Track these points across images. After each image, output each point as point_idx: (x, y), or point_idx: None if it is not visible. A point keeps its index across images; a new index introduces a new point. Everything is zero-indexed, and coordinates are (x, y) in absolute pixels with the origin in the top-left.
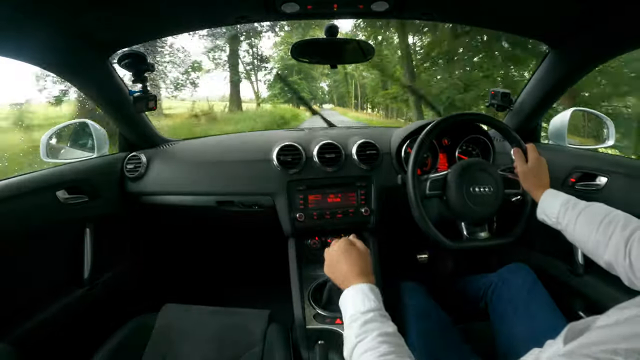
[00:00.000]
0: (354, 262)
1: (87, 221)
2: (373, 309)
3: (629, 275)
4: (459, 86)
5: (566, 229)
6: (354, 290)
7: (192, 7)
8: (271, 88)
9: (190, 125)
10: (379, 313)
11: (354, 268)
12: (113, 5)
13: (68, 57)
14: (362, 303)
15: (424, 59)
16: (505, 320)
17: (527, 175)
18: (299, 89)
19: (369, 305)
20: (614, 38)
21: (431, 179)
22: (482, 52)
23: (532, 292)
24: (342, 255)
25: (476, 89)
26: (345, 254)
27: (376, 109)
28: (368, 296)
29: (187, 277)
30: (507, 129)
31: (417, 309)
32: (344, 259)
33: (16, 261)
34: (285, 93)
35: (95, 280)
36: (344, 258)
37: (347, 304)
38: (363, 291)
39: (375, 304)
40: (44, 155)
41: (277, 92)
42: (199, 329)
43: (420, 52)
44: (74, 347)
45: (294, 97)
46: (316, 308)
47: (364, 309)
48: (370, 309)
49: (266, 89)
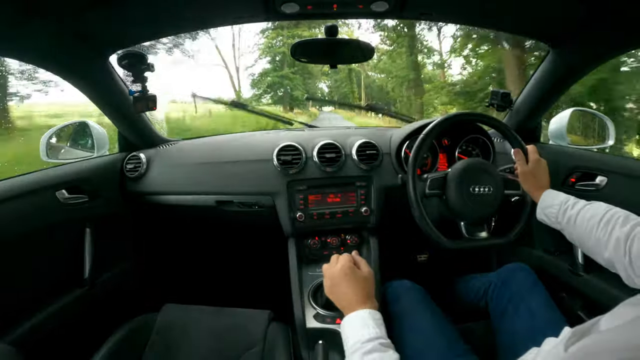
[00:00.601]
0: (358, 288)
1: (87, 221)
2: (373, 338)
3: (628, 272)
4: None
5: (566, 228)
6: (355, 318)
7: (192, 7)
8: (257, 85)
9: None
10: (379, 342)
11: (358, 294)
12: (113, 5)
13: (68, 57)
14: (363, 331)
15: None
16: (506, 320)
17: (527, 176)
18: (292, 86)
19: (370, 334)
20: (614, 38)
21: (431, 178)
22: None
23: (532, 292)
24: (344, 279)
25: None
26: (348, 278)
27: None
28: (369, 324)
29: (187, 277)
30: (507, 129)
31: (415, 308)
32: (346, 284)
33: (16, 261)
34: (275, 92)
35: (96, 280)
36: (347, 282)
37: (348, 332)
38: (365, 319)
39: (376, 332)
40: (44, 155)
41: (261, 92)
42: (199, 329)
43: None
44: (74, 347)
45: (286, 97)
46: (316, 308)
47: (364, 339)
48: (371, 338)
49: (250, 88)
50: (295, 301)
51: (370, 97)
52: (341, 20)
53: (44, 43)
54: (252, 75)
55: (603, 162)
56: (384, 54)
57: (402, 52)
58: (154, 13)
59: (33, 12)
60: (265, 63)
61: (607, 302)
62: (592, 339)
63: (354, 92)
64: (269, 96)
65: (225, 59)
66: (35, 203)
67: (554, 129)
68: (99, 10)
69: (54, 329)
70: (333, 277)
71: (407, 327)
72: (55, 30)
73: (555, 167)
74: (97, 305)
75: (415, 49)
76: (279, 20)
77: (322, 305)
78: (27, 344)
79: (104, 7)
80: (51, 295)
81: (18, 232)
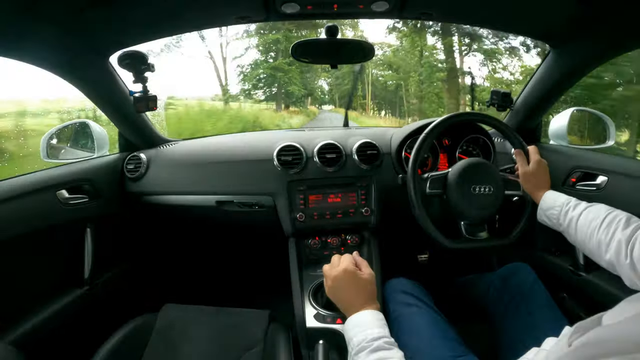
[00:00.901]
0: (360, 291)
1: (88, 221)
2: (378, 337)
3: (630, 275)
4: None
5: (567, 230)
6: (359, 318)
7: (192, 7)
8: (246, 80)
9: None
10: (384, 341)
11: (360, 297)
12: (113, 5)
13: (68, 57)
14: (368, 331)
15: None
16: (506, 320)
17: (528, 177)
18: (286, 80)
19: (374, 334)
20: (614, 38)
21: (432, 178)
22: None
23: (533, 292)
24: (346, 282)
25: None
26: (350, 281)
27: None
28: (374, 324)
29: (187, 277)
30: (508, 129)
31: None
32: (348, 287)
33: (16, 261)
34: (266, 87)
35: (96, 280)
36: (349, 285)
37: (352, 332)
38: (369, 319)
39: (380, 332)
40: (44, 155)
41: (250, 87)
42: (199, 329)
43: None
44: (74, 347)
45: (279, 93)
46: (316, 307)
47: (369, 338)
48: (375, 337)
49: (238, 82)
50: (295, 301)
51: (374, 96)
52: (349, 23)
53: (44, 43)
54: (241, 67)
55: (604, 162)
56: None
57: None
58: (154, 13)
59: (33, 12)
60: (256, 53)
61: (607, 302)
62: (595, 332)
63: (357, 89)
64: (261, 91)
65: (210, 48)
66: (36, 203)
67: (554, 129)
68: (99, 10)
69: (54, 329)
70: (335, 279)
71: (407, 328)
72: (55, 30)
73: (556, 167)
74: (97, 305)
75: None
76: (280, 20)
77: (323, 305)
78: (27, 344)
79: (104, 7)
80: (51, 295)
81: (18, 232)
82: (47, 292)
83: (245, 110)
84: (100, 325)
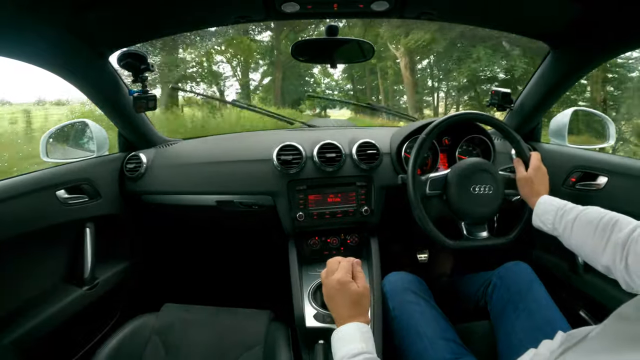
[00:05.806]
0: (351, 303)
1: (87, 221)
2: (357, 353)
3: (625, 279)
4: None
5: (562, 235)
6: (342, 332)
7: (192, 7)
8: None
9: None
10: (364, 357)
11: (350, 309)
12: (113, 5)
13: (68, 57)
14: (350, 346)
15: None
16: (505, 319)
17: (525, 182)
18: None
19: (355, 349)
20: (614, 38)
21: (431, 178)
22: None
23: (532, 291)
24: (338, 292)
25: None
26: (342, 292)
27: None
28: (356, 338)
29: (187, 277)
30: (509, 129)
31: (414, 307)
32: (340, 297)
33: (16, 261)
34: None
35: (96, 280)
36: (341, 296)
37: (335, 346)
38: (352, 333)
39: (362, 347)
40: (43, 155)
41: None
42: (199, 328)
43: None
44: (74, 347)
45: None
46: (316, 307)
47: (350, 354)
48: (355, 354)
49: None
50: (295, 301)
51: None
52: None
53: (44, 43)
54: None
55: (604, 161)
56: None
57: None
58: (154, 13)
59: (33, 12)
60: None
61: (606, 302)
62: (576, 354)
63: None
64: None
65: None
66: (36, 203)
67: (554, 129)
68: (99, 10)
69: (54, 328)
70: (328, 287)
71: (407, 327)
72: (55, 30)
73: (556, 167)
74: (97, 305)
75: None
76: (280, 20)
77: (322, 305)
78: (27, 344)
79: (104, 7)
80: (51, 295)
81: (18, 232)
82: (47, 292)
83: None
84: (100, 325)
